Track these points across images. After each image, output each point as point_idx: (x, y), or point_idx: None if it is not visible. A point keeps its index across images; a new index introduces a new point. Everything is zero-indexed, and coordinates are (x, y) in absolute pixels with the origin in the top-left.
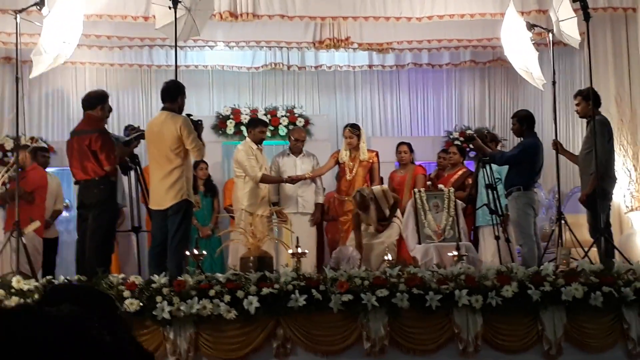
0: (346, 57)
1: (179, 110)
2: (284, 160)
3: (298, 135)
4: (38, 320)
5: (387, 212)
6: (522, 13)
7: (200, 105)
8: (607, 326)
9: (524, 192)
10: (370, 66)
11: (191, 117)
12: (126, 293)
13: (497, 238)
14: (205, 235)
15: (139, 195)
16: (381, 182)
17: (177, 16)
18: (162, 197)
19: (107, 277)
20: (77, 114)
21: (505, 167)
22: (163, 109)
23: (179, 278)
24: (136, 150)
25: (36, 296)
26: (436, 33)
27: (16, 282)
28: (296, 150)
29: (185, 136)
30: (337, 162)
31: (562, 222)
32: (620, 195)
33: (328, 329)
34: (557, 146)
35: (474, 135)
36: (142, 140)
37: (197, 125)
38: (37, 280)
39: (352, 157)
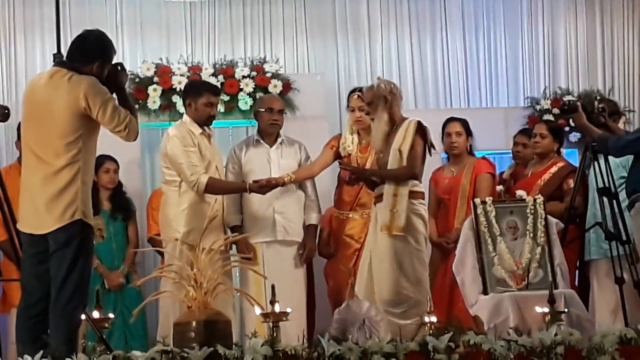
0: None
1: None
2: (250, 152)
3: (275, 105)
4: None
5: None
6: None
7: None
8: None
9: None
10: None
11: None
12: None
13: (619, 281)
14: (114, 286)
15: None
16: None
17: None
18: (42, 214)
19: None
20: None
21: (629, 160)
22: (60, 64)
23: None
24: None
25: None
26: None
27: None
28: (270, 134)
29: (98, 107)
30: (338, 155)
31: None
32: None
33: None
34: None
35: (576, 104)
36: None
37: (115, 73)
38: None
39: (364, 145)
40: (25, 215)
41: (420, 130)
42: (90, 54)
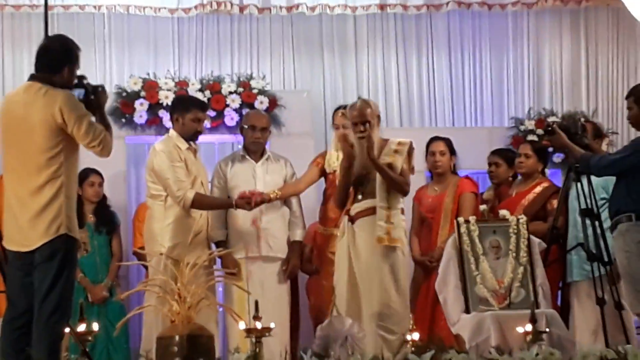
0: None
1: (63, 87)
2: (236, 168)
3: (258, 123)
4: None
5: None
6: None
7: (88, 71)
8: None
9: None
10: (382, 6)
11: (85, 82)
12: None
13: (600, 302)
14: (97, 300)
15: None
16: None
17: None
18: (26, 231)
19: None
20: None
21: (612, 181)
22: (32, 78)
23: None
24: None
25: None
26: None
27: None
28: (255, 150)
29: (73, 122)
30: (324, 172)
31: None
32: None
33: None
34: None
35: (552, 126)
36: None
37: (96, 94)
38: None
39: None
40: (9, 232)
41: (412, 151)
42: (56, 61)
